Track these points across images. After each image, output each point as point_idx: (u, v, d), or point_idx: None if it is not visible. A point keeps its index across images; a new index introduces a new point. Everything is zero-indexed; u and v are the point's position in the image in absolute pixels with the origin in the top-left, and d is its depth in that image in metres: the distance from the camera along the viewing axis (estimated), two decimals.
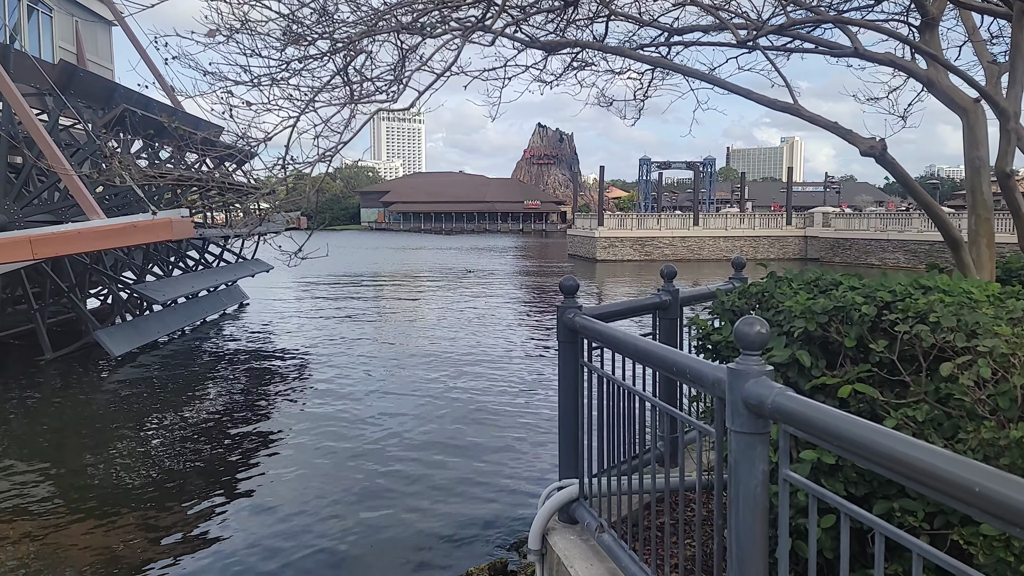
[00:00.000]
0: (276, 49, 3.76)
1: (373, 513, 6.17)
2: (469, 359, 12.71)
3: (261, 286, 23.27)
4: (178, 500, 6.68)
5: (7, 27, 16.10)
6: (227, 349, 14.46)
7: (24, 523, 6.15)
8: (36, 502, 6.64)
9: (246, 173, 18.53)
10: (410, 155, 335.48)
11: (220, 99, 3.62)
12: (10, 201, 12.08)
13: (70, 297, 13.25)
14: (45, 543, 5.76)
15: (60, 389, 11.14)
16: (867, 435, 1.54)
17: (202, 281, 16.87)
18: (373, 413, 9.29)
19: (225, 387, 11.38)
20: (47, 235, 10.53)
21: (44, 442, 8.64)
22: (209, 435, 8.71)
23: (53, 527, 6.06)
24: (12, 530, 6.01)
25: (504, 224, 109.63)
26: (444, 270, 34.82)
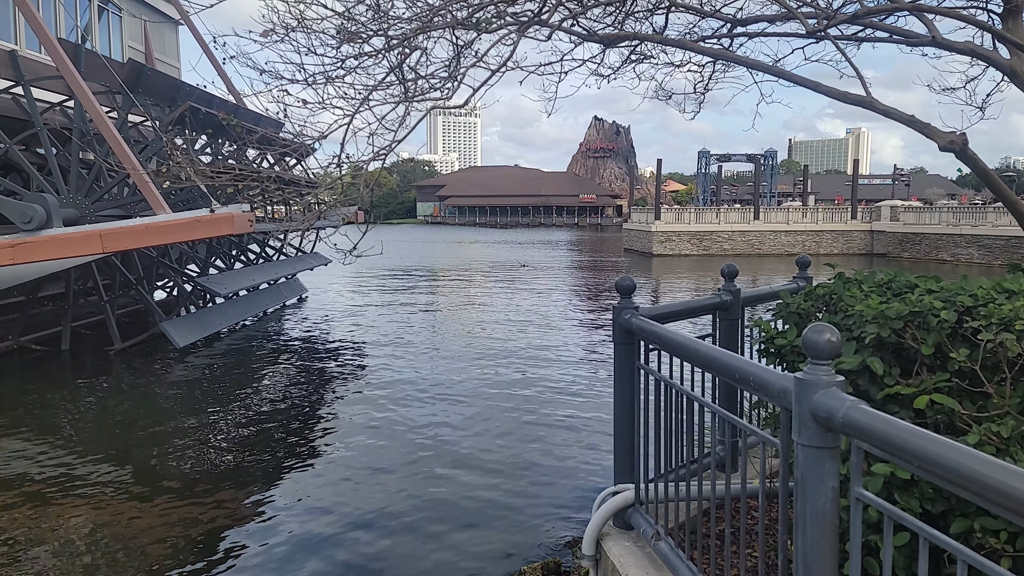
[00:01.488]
0: (331, 47, 3.81)
1: (423, 508, 6.23)
2: (522, 355, 12.71)
3: (319, 279, 23.80)
4: (236, 488, 6.89)
5: (79, 28, 16.83)
6: (286, 341, 14.84)
7: (93, 504, 6.44)
8: (104, 485, 6.94)
9: (304, 169, 18.97)
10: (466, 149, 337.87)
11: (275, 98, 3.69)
12: (82, 196, 12.63)
13: (138, 289, 13.81)
14: (112, 525, 6.02)
15: (128, 378, 11.63)
16: (948, 455, 1.45)
17: (262, 274, 17.34)
18: (425, 408, 9.38)
19: (283, 378, 11.68)
20: (116, 229, 10.98)
21: (114, 428, 9.03)
22: (267, 425, 8.95)
23: (120, 509, 6.33)
24: (82, 510, 6.30)
25: (559, 218, 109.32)
26: (498, 264, 34.94)
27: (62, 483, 7.00)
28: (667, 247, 41.92)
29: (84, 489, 6.84)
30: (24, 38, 14.86)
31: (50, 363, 12.30)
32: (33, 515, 6.23)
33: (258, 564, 5.34)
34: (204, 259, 17.14)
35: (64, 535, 5.86)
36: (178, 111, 13.95)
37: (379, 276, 27.30)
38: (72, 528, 5.99)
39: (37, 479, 7.10)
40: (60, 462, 7.62)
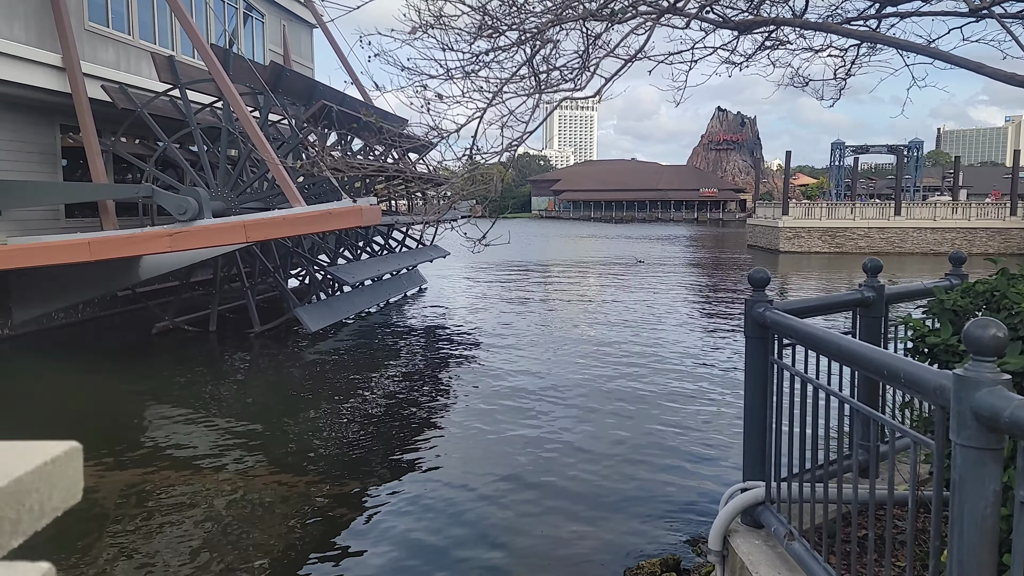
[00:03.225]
0: (467, 42, 3.95)
1: (538, 500, 6.31)
2: (639, 351, 12.57)
3: (438, 271, 24.58)
4: (358, 468, 7.27)
5: (227, 33, 18.24)
6: (406, 330, 15.48)
7: (230, 473, 7.03)
8: (242, 455, 7.56)
9: (427, 163, 19.62)
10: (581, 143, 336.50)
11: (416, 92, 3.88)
12: (227, 190, 13.73)
13: (275, 277, 14.85)
14: (247, 494, 6.55)
15: (265, 359, 12.56)
16: None
17: (386, 265, 18.16)
18: (542, 400, 9.49)
19: (403, 366, 12.20)
20: (258, 221, 11.84)
21: (251, 405, 9.80)
22: (388, 409, 9.40)
23: (254, 480, 6.87)
24: (221, 479, 6.90)
25: (678, 213, 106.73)
26: (613, 259, 34.65)
27: (205, 452, 7.68)
28: (795, 244, 39.94)
29: (223, 459, 7.47)
30: (180, 44, 16.29)
31: (199, 342, 13.48)
32: (179, 480, 6.88)
33: (376, 545, 5.63)
34: (333, 249, 18.15)
35: (205, 500, 6.44)
36: (313, 109, 14.85)
37: (494, 270, 27.81)
38: (212, 494, 6.57)
39: (184, 447, 7.83)
40: (204, 433, 8.37)
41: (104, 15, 14.24)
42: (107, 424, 8.90)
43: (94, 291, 13.19)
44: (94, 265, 11.72)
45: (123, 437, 8.23)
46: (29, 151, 13.31)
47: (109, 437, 8.13)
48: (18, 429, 8.34)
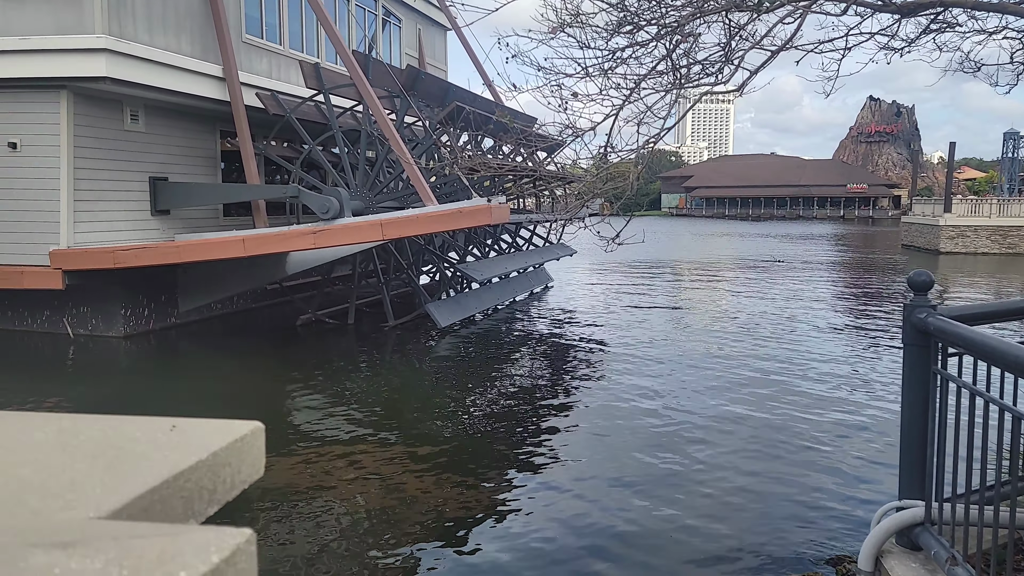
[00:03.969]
0: (604, 39, 3.95)
1: (666, 509, 6.16)
2: (776, 359, 12.00)
3: (564, 270, 24.66)
4: (486, 464, 7.44)
5: (367, 39, 19.23)
6: (533, 327, 15.66)
7: (366, 461, 7.42)
8: (376, 445, 7.96)
9: (556, 162, 19.74)
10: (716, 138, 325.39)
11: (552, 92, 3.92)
12: (366, 190, 14.48)
13: (408, 273, 15.49)
14: (375, 484, 6.88)
15: (398, 352, 13.15)
16: None
17: (514, 263, 18.46)
18: (670, 405, 9.28)
19: (529, 363, 12.35)
20: (394, 219, 12.40)
21: (385, 396, 10.29)
22: (514, 406, 9.55)
23: (388, 468, 7.21)
24: (357, 466, 7.29)
25: (821, 210, 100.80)
26: (749, 259, 33.26)
27: (341, 440, 8.15)
28: (958, 244, 36.57)
29: (357, 447, 7.89)
30: (325, 52, 17.36)
31: (338, 334, 14.33)
32: (315, 466, 7.34)
33: (499, 544, 5.73)
34: (463, 247, 18.67)
35: (338, 486, 6.83)
36: (446, 110, 15.36)
37: (621, 268, 27.49)
38: (345, 480, 6.96)
39: (322, 434, 8.35)
40: (341, 421, 8.88)
41: (259, 28, 15.44)
42: (254, 408, 9.67)
43: (247, 284, 14.34)
44: (248, 260, 12.74)
45: (268, 421, 8.90)
46: (194, 155, 14.69)
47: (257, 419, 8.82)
48: (185, 407, 9.27)
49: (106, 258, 11.97)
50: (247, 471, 1.00)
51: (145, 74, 12.20)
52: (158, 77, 12.46)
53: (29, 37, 11.59)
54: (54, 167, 11.94)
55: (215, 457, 0.92)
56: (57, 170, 11.93)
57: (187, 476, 0.87)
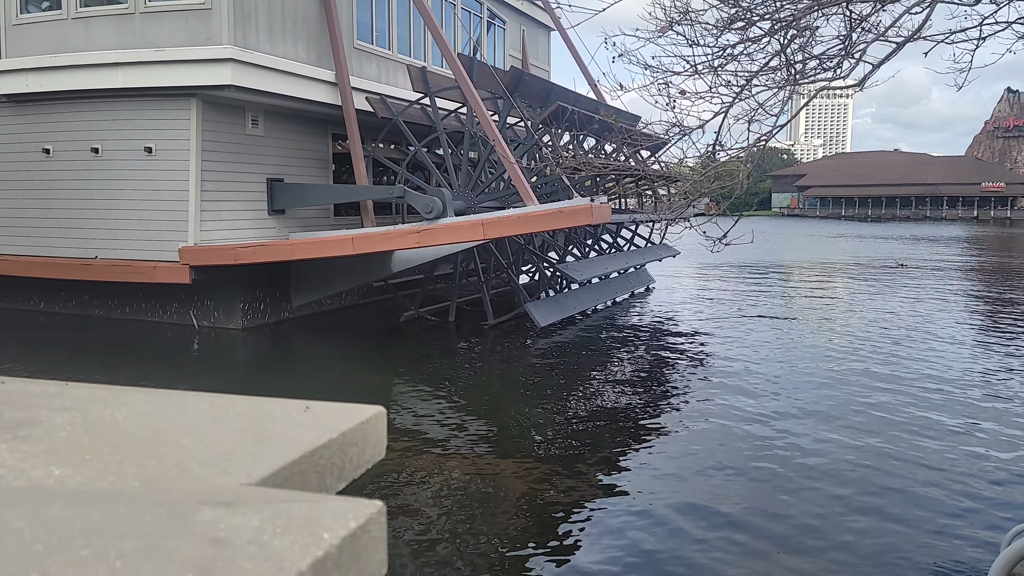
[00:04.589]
0: (714, 36, 3.89)
1: (772, 527, 5.93)
2: (897, 371, 11.31)
3: (667, 271, 24.23)
4: (583, 464, 7.43)
5: (472, 42, 19.62)
6: (633, 329, 15.49)
7: (464, 456, 7.59)
8: (475, 440, 8.13)
9: (660, 161, 19.45)
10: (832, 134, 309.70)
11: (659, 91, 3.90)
12: (468, 190, 14.80)
13: (508, 272, 15.70)
14: (471, 480, 7.03)
15: (497, 350, 13.36)
16: None
17: (614, 263, 18.33)
18: (778, 417, 8.91)
19: (628, 366, 12.23)
20: (495, 219, 12.61)
21: (484, 393, 10.49)
22: (612, 409, 9.52)
23: (485, 464, 7.35)
24: (456, 461, 7.47)
25: (951, 210, 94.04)
26: (868, 262, 31.50)
27: (441, 435, 8.37)
28: None
29: (456, 442, 8.09)
30: (431, 55, 17.86)
31: (440, 331, 14.72)
32: (415, 459, 7.58)
33: (593, 546, 5.74)
34: (563, 247, 18.72)
35: (442, 481, 7.03)
36: (547, 111, 15.46)
37: (727, 271, 26.70)
38: (444, 475, 7.15)
39: (423, 428, 8.60)
40: (442, 417, 9.13)
41: (369, 34, 16.09)
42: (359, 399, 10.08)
43: (355, 281, 14.97)
44: (356, 258, 13.31)
45: None
46: (308, 157, 15.49)
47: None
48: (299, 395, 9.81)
49: (228, 255, 12.82)
50: (371, 451, 1.10)
51: (265, 81, 12.99)
52: (277, 84, 13.24)
53: (164, 49, 12.59)
54: (184, 170, 12.91)
55: (344, 436, 1.02)
56: (187, 172, 12.89)
57: (320, 452, 0.96)
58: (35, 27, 13.73)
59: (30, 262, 13.88)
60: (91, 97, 13.30)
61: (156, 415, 0.97)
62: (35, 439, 0.82)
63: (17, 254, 14.03)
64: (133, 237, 13.26)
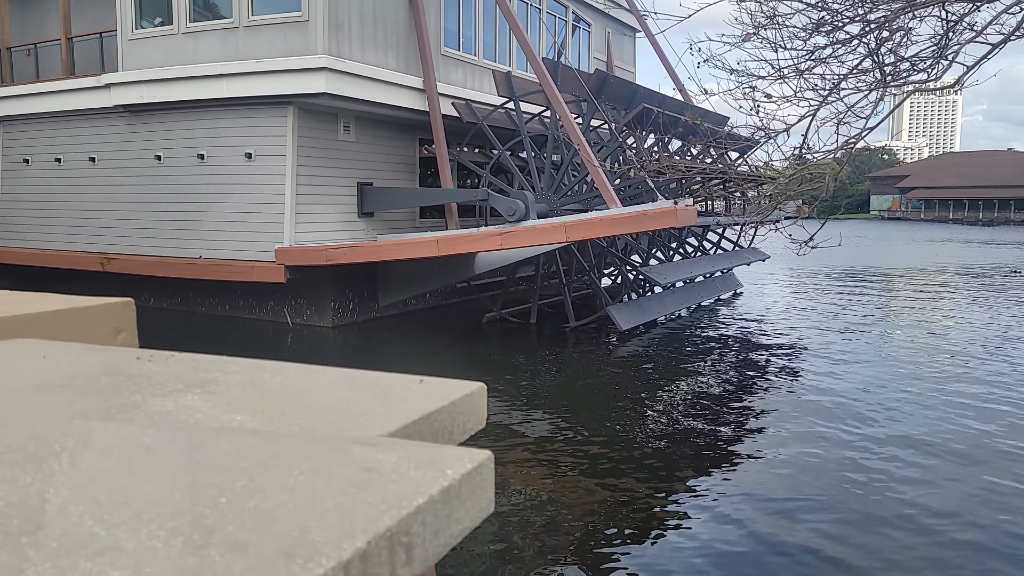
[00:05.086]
0: (801, 40, 3.92)
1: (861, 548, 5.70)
2: (1012, 393, 10.55)
3: (756, 275, 23.68)
4: (663, 471, 7.46)
5: (556, 46, 19.82)
6: (719, 335, 15.27)
7: (535, 458, 7.76)
8: (549, 443, 8.28)
9: (749, 163, 19.08)
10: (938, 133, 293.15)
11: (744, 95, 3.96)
12: (551, 193, 14.99)
13: (590, 275, 15.80)
14: (550, 478, 7.18)
15: (578, 353, 13.48)
16: None
17: (700, 267, 18.10)
18: (871, 441, 8.33)
19: (714, 372, 12.07)
20: (577, 221, 12.75)
21: (564, 395, 10.63)
22: (695, 416, 9.45)
23: (566, 468, 7.49)
24: (527, 464, 7.64)
25: None
26: (977, 269, 29.76)
27: (522, 434, 8.57)
28: None
29: (536, 441, 8.26)
30: (516, 60, 18.17)
31: (521, 333, 14.97)
32: (500, 459, 7.79)
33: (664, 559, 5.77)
34: (646, 250, 18.64)
35: (524, 481, 7.21)
36: (632, 113, 15.46)
37: (821, 276, 25.82)
38: (530, 477, 7.33)
39: (505, 428, 8.82)
40: (522, 416, 9.34)
41: (456, 41, 16.55)
42: None
43: (440, 282, 15.42)
44: (440, 260, 13.73)
45: None
46: (396, 162, 16.07)
47: None
48: None
49: (320, 255, 13.48)
50: (474, 421, 1.29)
51: (357, 88, 13.60)
52: (368, 91, 13.83)
53: (264, 60, 13.37)
54: (280, 174, 13.66)
55: (453, 405, 1.21)
56: (283, 177, 13.64)
57: (434, 417, 1.16)
58: (148, 41, 14.84)
59: (143, 261, 14.99)
60: (198, 106, 14.27)
61: (303, 381, 1.19)
62: (218, 394, 1.04)
63: (132, 253, 15.17)
64: (233, 238, 14.13)
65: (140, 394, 1.00)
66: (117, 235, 15.53)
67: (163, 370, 1.16)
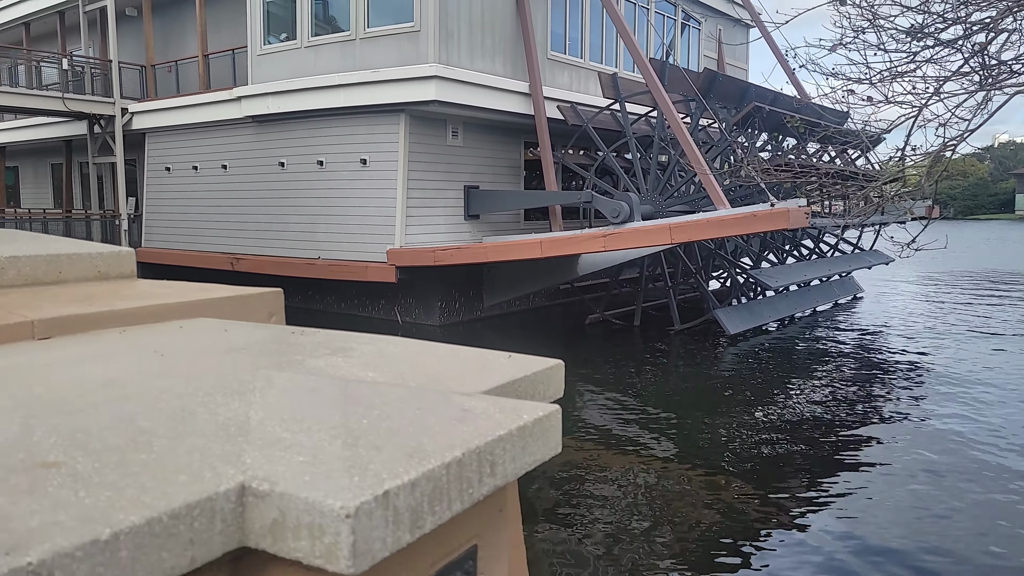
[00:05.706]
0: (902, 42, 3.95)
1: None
2: None
3: (878, 279, 22.62)
4: (768, 480, 7.35)
5: (664, 45, 19.77)
6: (835, 341, 14.78)
7: (641, 461, 7.91)
8: (653, 445, 8.42)
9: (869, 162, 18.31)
10: None
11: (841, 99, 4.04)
12: (656, 194, 15.02)
13: (696, 278, 15.70)
14: (654, 482, 7.33)
15: (683, 356, 13.46)
16: None
17: (815, 270, 17.57)
18: (1002, 465, 7.71)
19: (828, 380, 11.71)
20: (683, 223, 12.75)
21: (669, 398, 10.72)
22: (804, 426, 9.16)
23: (664, 471, 7.62)
24: (631, 464, 7.81)
25: None
26: None
27: (625, 435, 8.76)
28: None
29: (635, 445, 8.44)
30: (622, 61, 18.29)
31: (624, 335, 15.09)
32: (605, 460, 8.02)
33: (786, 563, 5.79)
34: (757, 252, 18.26)
35: (624, 484, 7.40)
36: (743, 111, 15.24)
37: (953, 282, 24.26)
38: (628, 475, 7.52)
39: (607, 428, 9.05)
40: (625, 418, 9.52)
41: (563, 44, 16.89)
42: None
43: (543, 283, 15.80)
44: (544, 261, 14.09)
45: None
46: (501, 165, 16.59)
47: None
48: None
49: (428, 257, 14.16)
50: (552, 390, 1.59)
51: (465, 95, 14.19)
52: (476, 97, 14.40)
53: (379, 69, 14.20)
54: (392, 179, 14.46)
55: (535, 376, 1.52)
56: (395, 181, 14.43)
57: (519, 383, 1.46)
58: (275, 56, 16.06)
59: (268, 261, 16.23)
60: (317, 115, 15.31)
61: (417, 352, 1.53)
62: (355, 358, 1.39)
63: (257, 254, 16.46)
64: (349, 240, 15.06)
65: (300, 356, 1.37)
66: (245, 237, 16.88)
67: (312, 341, 1.53)
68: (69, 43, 21.72)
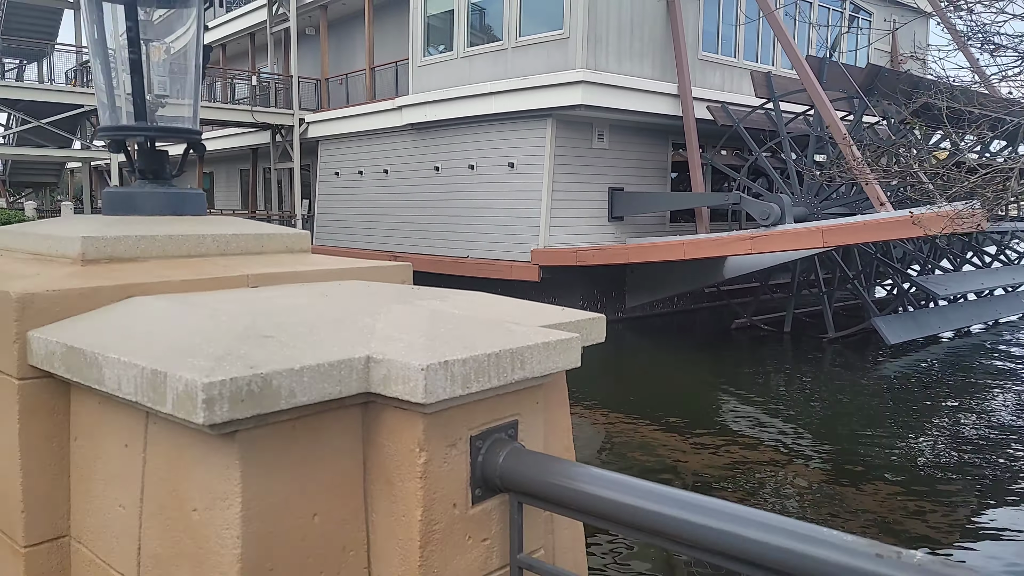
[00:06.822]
0: None
1: None
2: None
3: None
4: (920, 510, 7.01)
5: (827, 43, 19.23)
6: (1015, 359, 13.79)
7: (797, 470, 8.06)
8: (809, 457, 8.51)
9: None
10: None
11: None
12: (812, 196, 14.75)
13: (855, 284, 15.21)
14: (804, 492, 7.48)
15: (837, 365, 13.18)
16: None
17: (995, 279, 16.41)
18: None
19: (1003, 403, 10.96)
20: (836, 226, 12.55)
21: (818, 409, 10.60)
22: (971, 450, 8.66)
23: (818, 482, 7.75)
24: (788, 473, 7.96)
25: None
26: None
27: (772, 445, 8.86)
28: None
29: (782, 454, 8.55)
30: (779, 60, 18.03)
31: (773, 342, 14.96)
32: (747, 466, 8.25)
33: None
34: (925, 258, 17.31)
35: (773, 491, 7.59)
36: (911, 107, 14.59)
37: None
38: (775, 485, 7.70)
39: (753, 438, 9.14)
40: (772, 427, 9.60)
41: (715, 44, 16.99)
42: (691, 404, 11.01)
43: (686, 286, 16.00)
44: (687, 263, 14.33)
45: (696, 413, 10.18)
46: (647, 167, 16.97)
47: (691, 416, 9.99)
48: (631, 386, 11.22)
49: (570, 257, 14.85)
50: (594, 335, 2.19)
51: (612, 99, 14.76)
52: (622, 100, 14.93)
53: (528, 76, 15.10)
54: (538, 181, 15.30)
55: (579, 322, 2.13)
56: (540, 184, 15.26)
57: (564, 325, 2.08)
58: (433, 67, 17.46)
59: (422, 259, 17.66)
60: (470, 122, 16.48)
61: (494, 301, 2.19)
62: (449, 302, 2.08)
63: (414, 252, 17.95)
64: (495, 240, 16.09)
65: (412, 299, 2.08)
66: (402, 236, 18.45)
67: (423, 293, 2.24)
68: (257, 61, 24.68)
